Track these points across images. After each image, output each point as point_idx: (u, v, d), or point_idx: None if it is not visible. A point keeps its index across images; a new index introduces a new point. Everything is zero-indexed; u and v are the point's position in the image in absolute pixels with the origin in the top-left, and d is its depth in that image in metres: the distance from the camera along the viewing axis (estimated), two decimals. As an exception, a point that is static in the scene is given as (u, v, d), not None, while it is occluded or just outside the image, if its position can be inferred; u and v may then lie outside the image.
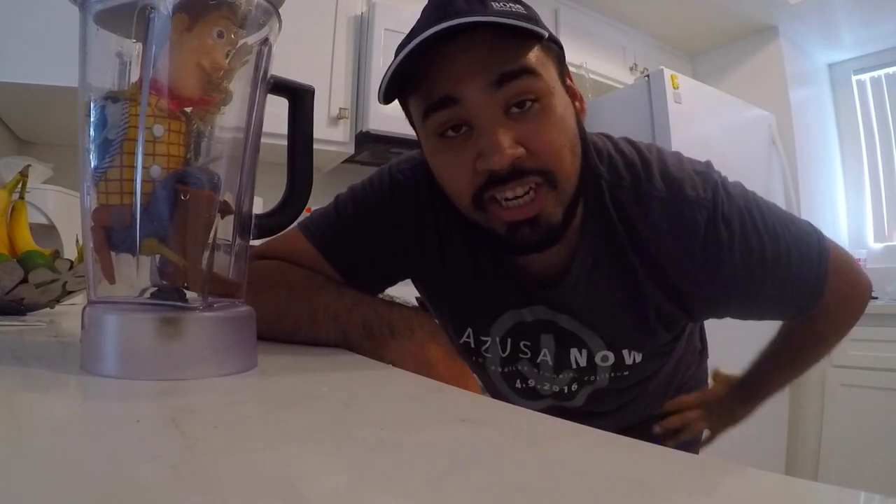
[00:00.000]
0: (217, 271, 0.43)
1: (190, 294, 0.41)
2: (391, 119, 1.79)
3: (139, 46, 0.40)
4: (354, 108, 1.87)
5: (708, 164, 0.64)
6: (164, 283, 0.40)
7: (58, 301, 0.91)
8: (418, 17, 0.56)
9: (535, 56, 0.54)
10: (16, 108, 1.40)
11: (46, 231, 1.31)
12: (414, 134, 0.63)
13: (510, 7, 0.53)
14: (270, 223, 0.49)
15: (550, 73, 0.55)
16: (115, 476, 0.20)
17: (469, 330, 0.73)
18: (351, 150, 1.88)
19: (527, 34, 0.52)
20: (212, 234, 0.41)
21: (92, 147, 0.39)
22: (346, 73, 1.86)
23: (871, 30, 2.56)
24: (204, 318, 0.39)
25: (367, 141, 1.82)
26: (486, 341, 0.72)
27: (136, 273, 0.40)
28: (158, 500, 0.18)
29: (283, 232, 0.57)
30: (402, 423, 0.31)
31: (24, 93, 1.25)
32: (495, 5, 0.53)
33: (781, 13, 2.50)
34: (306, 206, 0.51)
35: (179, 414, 0.28)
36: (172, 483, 0.19)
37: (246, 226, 0.45)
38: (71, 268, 0.87)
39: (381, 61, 1.82)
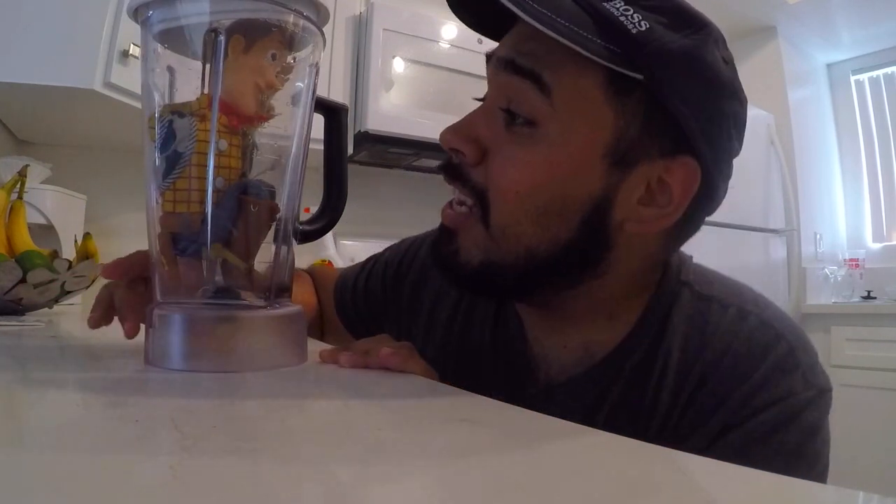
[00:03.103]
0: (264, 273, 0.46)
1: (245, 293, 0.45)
2: (390, 119, 1.79)
3: (193, 63, 0.43)
4: (353, 107, 1.86)
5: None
6: (227, 284, 0.44)
7: (56, 301, 0.91)
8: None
9: (568, 72, 0.41)
10: (14, 107, 1.39)
11: (45, 231, 1.31)
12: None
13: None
14: (311, 229, 0.54)
15: (587, 112, 0.41)
16: (113, 476, 0.20)
17: None
18: (349, 150, 1.88)
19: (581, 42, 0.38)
20: (274, 238, 0.46)
21: (158, 158, 0.42)
22: (345, 72, 1.86)
23: (869, 30, 2.56)
24: (268, 316, 0.44)
25: (365, 141, 1.82)
26: None
27: (200, 275, 0.43)
28: (157, 501, 0.18)
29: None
30: (401, 423, 0.31)
31: (22, 93, 1.25)
32: None
33: (780, 13, 2.50)
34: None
35: (178, 413, 0.28)
36: (171, 483, 0.19)
37: (295, 232, 0.49)
38: (69, 268, 0.87)
39: (380, 61, 1.81)
